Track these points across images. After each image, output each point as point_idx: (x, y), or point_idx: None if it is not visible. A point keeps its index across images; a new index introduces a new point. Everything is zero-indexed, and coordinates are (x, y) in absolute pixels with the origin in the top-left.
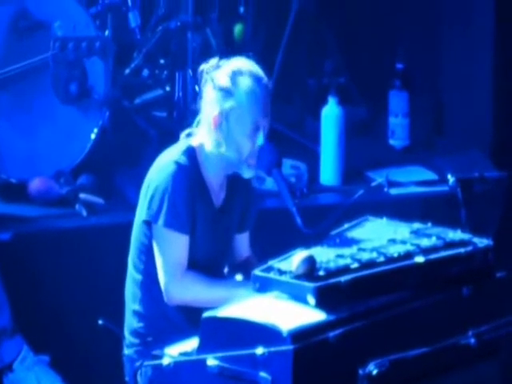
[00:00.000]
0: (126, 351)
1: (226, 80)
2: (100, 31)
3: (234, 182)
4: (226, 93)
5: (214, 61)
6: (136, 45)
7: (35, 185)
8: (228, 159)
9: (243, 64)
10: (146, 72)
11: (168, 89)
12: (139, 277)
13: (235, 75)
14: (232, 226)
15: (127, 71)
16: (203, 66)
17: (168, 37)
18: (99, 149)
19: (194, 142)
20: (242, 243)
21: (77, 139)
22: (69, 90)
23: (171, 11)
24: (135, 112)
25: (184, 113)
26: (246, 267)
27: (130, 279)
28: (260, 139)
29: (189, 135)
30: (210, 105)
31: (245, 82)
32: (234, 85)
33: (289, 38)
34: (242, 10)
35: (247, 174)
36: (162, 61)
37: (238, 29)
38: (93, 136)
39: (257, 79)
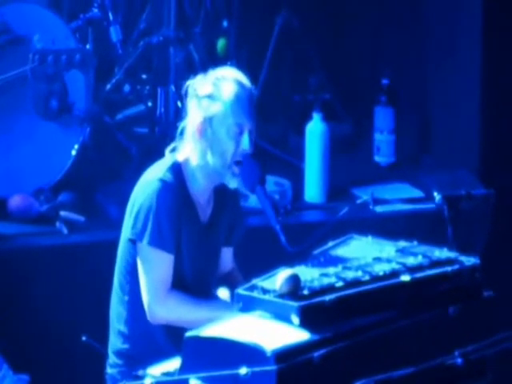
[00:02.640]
0: (109, 370)
1: (210, 87)
2: (80, 45)
3: (222, 196)
4: (210, 98)
5: (199, 76)
6: (117, 60)
7: (15, 202)
8: (213, 168)
9: (227, 72)
10: (127, 87)
11: (150, 104)
12: (125, 297)
13: (219, 81)
14: (219, 240)
15: (108, 86)
16: (189, 82)
17: (150, 52)
18: (80, 165)
19: (180, 157)
20: (226, 257)
21: (57, 156)
22: (49, 105)
23: (153, 26)
24: (116, 128)
25: (166, 129)
26: (229, 280)
27: (115, 299)
28: (245, 142)
29: (173, 150)
30: (193, 115)
31: (228, 87)
32: (217, 90)
33: (273, 53)
34: (225, 24)
35: (232, 183)
36: (143, 76)
37: (221, 43)
38: (73, 152)
39: (240, 84)
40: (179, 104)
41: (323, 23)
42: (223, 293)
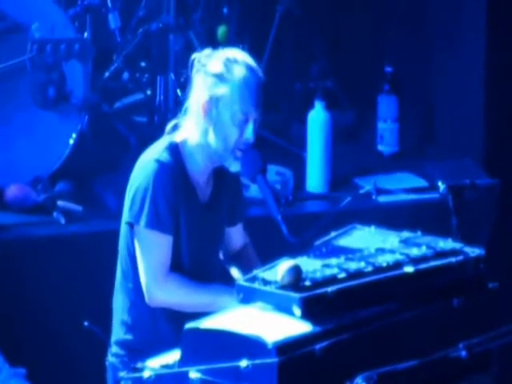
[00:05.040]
0: (111, 359)
1: (220, 66)
2: (79, 33)
3: (221, 176)
4: (219, 79)
5: (207, 50)
6: (116, 47)
7: (12, 191)
8: (214, 150)
9: (238, 54)
10: (126, 75)
11: (149, 93)
12: (129, 284)
13: (230, 62)
14: (221, 221)
15: (107, 74)
16: (196, 55)
17: (149, 39)
18: (78, 155)
19: (178, 137)
20: (236, 235)
21: (55, 145)
22: (46, 94)
23: (152, 12)
24: (115, 117)
25: (165, 118)
26: (241, 258)
27: (118, 288)
28: (249, 132)
29: (175, 127)
30: (199, 92)
31: (239, 70)
32: (227, 71)
33: (274, 41)
34: (225, 11)
35: (233, 166)
36: (142, 64)
37: (221, 30)
38: (71, 141)
39: (251, 69)
40: (179, 92)
41: (325, 10)
42: (235, 272)
